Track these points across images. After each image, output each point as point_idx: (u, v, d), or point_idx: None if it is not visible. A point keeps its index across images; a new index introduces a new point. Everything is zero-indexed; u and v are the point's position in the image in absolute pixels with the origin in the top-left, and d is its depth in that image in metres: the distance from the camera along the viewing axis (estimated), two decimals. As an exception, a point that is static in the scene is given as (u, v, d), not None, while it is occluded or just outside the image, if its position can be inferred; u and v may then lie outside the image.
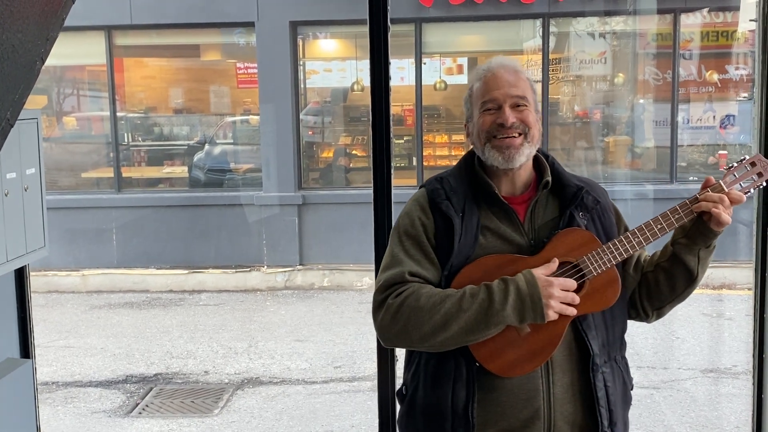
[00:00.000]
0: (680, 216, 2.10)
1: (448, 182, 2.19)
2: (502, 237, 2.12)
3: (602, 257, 2.06)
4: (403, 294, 2.05)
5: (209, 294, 9.52)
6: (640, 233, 2.09)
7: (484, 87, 2.16)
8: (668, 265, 2.18)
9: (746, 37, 9.95)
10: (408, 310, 2.03)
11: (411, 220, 2.17)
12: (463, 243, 2.09)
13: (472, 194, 2.17)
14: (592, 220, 2.16)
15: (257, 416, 6.07)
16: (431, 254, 2.12)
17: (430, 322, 2.00)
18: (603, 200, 2.22)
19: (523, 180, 2.19)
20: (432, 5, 9.89)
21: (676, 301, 2.22)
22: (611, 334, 2.15)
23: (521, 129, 2.12)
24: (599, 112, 10.53)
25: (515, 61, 2.22)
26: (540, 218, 2.16)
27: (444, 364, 2.09)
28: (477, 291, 2.02)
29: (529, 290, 1.99)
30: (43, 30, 1.54)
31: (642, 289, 2.23)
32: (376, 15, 3.05)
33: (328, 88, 10.89)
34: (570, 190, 2.18)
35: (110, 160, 10.48)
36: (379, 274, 2.17)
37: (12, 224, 2.69)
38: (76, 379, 6.86)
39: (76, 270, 9.88)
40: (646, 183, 10.00)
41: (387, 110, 3.09)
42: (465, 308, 1.99)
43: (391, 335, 2.07)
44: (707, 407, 6.04)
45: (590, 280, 2.06)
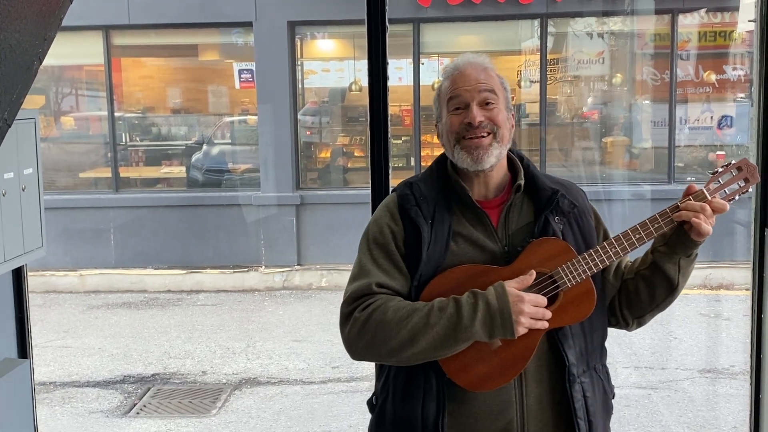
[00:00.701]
0: (659, 225, 2.02)
1: (418, 187, 2.12)
2: (475, 243, 2.05)
3: (577, 268, 1.99)
4: (371, 307, 1.98)
5: (207, 294, 9.52)
6: (617, 243, 2.02)
7: (451, 86, 2.09)
8: (648, 274, 2.11)
9: (743, 38, 9.96)
10: (375, 325, 1.96)
11: (380, 228, 2.10)
12: (432, 251, 2.02)
13: (444, 199, 2.09)
14: (569, 224, 2.09)
15: (255, 416, 6.07)
16: (400, 263, 2.05)
17: (397, 337, 1.93)
18: (580, 203, 2.15)
19: (496, 183, 2.11)
20: (430, 5, 9.90)
21: (657, 309, 2.15)
22: (590, 343, 2.08)
23: (490, 128, 2.04)
24: (597, 113, 10.53)
25: (484, 58, 2.14)
26: (514, 223, 2.08)
27: (414, 377, 2.03)
28: (445, 305, 1.94)
29: (499, 306, 1.91)
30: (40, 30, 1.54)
31: (622, 297, 2.16)
32: (374, 15, 3.05)
33: (326, 88, 10.89)
34: (545, 193, 2.10)
35: (108, 160, 10.48)
36: (347, 285, 2.09)
37: (9, 224, 2.69)
38: (74, 379, 6.86)
39: (74, 270, 9.87)
40: (643, 183, 10.01)
41: (385, 110, 3.09)
42: (432, 323, 1.92)
43: (359, 349, 2.01)
44: (705, 407, 6.05)
45: (565, 291, 1.99)
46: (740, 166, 2.07)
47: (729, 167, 2.07)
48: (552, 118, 10.33)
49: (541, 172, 2.20)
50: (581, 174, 10.13)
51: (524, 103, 10.57)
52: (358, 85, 10.55)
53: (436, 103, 2.16)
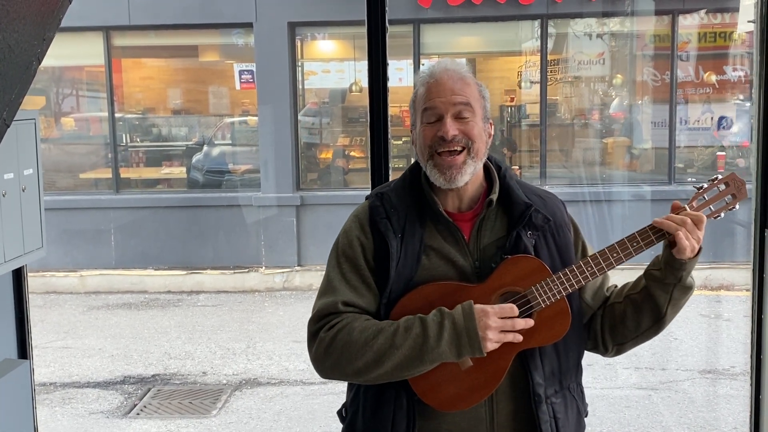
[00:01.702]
0: (639, 245, 1.95)
1: (389, 199, 2.05)
2: (446, 258, 1.99)
3: (552, 288, 1.93)
4: (336, 327, 1.95)
5: (207, 295, 9.52)
6: (594, 263, 1.95)
7: (426, 95, 2.01)
8: (638, 298, 2.04)
9: (744, 39, 9.96)
10: (340, 345, 1.93)
11: (349, 241, 2.05)
12: (402, 266, 1.97)
13: (416, 210, 2.03)
14: (543, 238, 2.02)
15: (255, 417, 6.07)
16: (368, 279, 2.01)
17: (363, 358, 1.90)
18: (557, 217, 2.07)
19: (470, 195, 2.05)
20: (430, 6, 9.90)
21: (639, 339, 2.08)
22: (564, 362, 2.03)
23: (464, 143, 1.97)
24: (597, 113, 10.53)
25: (462, 66, 2.05)
26: (486, 237, 2.02)
27: (384, 393, 1.99)
28: (411, 324, 1.91)
29: (465, 323, 1.87)
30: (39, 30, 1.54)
31: (606, 321, 2.10)
32: (374, 16, 3.06)
33: (327, 89, 10.89)
34: (518, 208, 2.03)
35: (108, 160, 10.48)
36: (315, 300, 2.06)
37: (10, 225, 2.69)
38: (74, 379, 6.86)
39: (74, 271, 9.88)
40: (643, 184, 10.01)
41: (385, 111, 3.09)
42: (398, 344, 1.89)
43: (325, 369, 1.98)
44: (705, 408, 6.05)
45: (538, 311, 1.94)
46: (727, 181, 1.99)
47: (715, 183, 1.99)
48: (552, 118, 10.33)
49: (521, 181, 2.14)
50: (581, 174, 10.14)
51: (525, 104, 10.58)
52: (358, 86, 10.56)
53: (411, 109, 2.08)
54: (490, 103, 2.08)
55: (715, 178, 2.00)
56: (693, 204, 1.97)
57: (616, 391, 6.27)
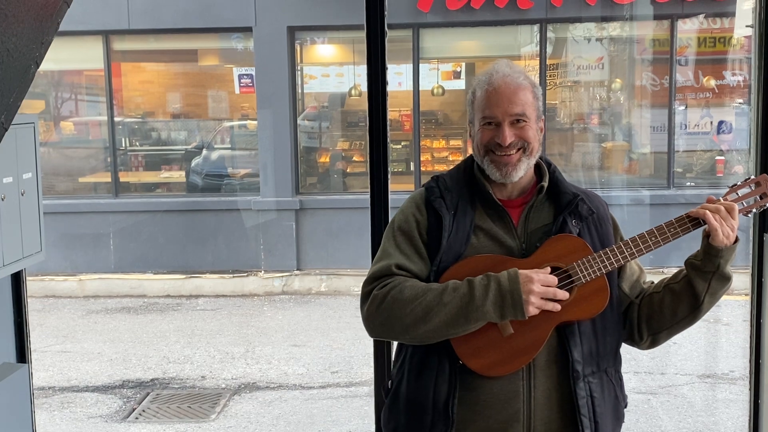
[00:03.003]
0: (675, 229, 2.07)
1: (444, 181, 2.20)
2: (495, 238, 2.12)
3: (592, 265, 2.05)
4: (388, 286, 2.06)
5: (206, 299, 9.51)
6: (633, 245, 2.07)
7: (485, 101, 2.13)
8: (677, 287, 2.15)
9: (743, 43, 9.97)
10: (391, 302, 2.04)
11: (405, 217, 2.19)
12: (453, 240, 2.10)
13: (469, 194, 2.17)
14: (587, 228, 2.15)
15: (254, 421, 6.06)
16: (421, 249, 2.13)
17: (412, 314, 2.01)
18: (600, 211, 2.20)
19: (521, 186, 2.18)
20: (429, 11, 9.91)
21: (675, 328, 2.18)
22: (602, 345, 2.12)
23: (520, 145, 2.11)
24: (596, 118, 10.54)
25: (519, 72, 2.17)
26: (534, 223, 2.15)
27: (428, 357, 2.09)
28: (459, 285, 2.02)
29: (510, 286, 1.98)
30: (37, 34, 1.54)
31: (643, 310, 2.19)
32: (373, 20, 3.06)
33: (326, 93, 10.90)
34: (566, 197, 2.16)
35: (108, 164, 10.48)
36: (371, 266, 2.19)
37: (8, 229, 2.69)
38: (73, 384, 6.85)
39: (73, 275, 9.87)
40: (642, 189, 10.01)
41: (384, 115, 3.10)
42: (446, 301, 2.00)
43: (376, 326, 2.09)
44: (704, 413, 6.04)
45: (579, 287, 2.05)
46: (759, 181, 2.12)
47: (748, 182, 2.12)
48: (551, 123, 10.34)
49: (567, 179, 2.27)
50: (580, 179, 10.14)
51: (524, 108, 10.56)
52: (357, 90, 10.56)
53: (470, 107, 2.21)
54: (542, 100, 2.23)
55: (748, 177, 2.13)
56: (727, 198, 2.09)
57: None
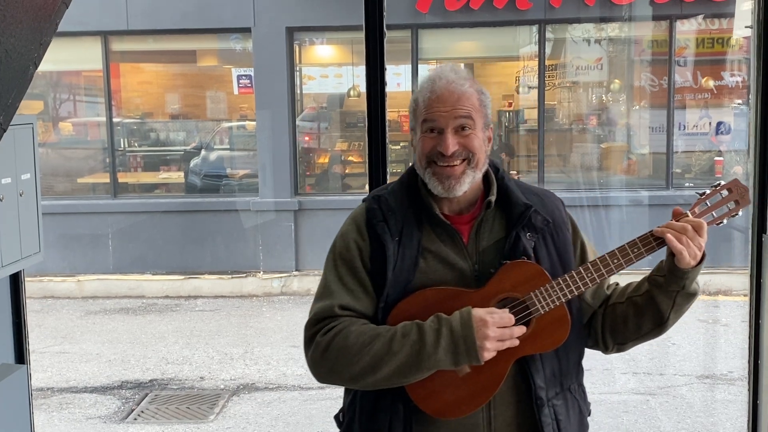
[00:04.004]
0: (639, 251, 1.92)
1: (386, 201, 2.03)
2: (444, 261, 1.98)
3: (551, 294, 1.90)
4: (332, 331, 1.93)
5: (205, 300, 9.51)
6: (594, 269, 1.92)
7: (427, 106, 1.98)
8: (640, 301, 2.02)
9: (741, 44, 9.98)
10: (336, 350, 1.91)
11: (346, 243, 2.03)
12: (399, 269, 1.95)
13: (414, 213, 2.01)
14: (543, 239, 2.01)
15: (253, 422, 6.06)
16: (366, 282, 1.98)
17: (359, 363, 1.88)
18: (556, 217, 2.06)
19: (468, 198, 2.03)
20: (428, 11, 9.91)
21: (641, 340, 2.08)
22: (565, 363, 2.01)
23: (464, 155, 1.96)
24: (595, 119, 10.54)
25: (463, 76, 2.02)
26: (485, 239, 2.01)
27: (380, 399, 1.97)
28: (409, 330, 1.88)
29: (463, 332, 1.84)
30: (36, 35, 1.54)
31: (606, 321, 2.08)
32: (372, 21, 3.06)
33: (325, 93, 10.90)
34: (517, 209, 2.01)
35: (106, 165, 10.47)
36: (312, 304, 2.04)
37: (7, 229, 2.69)
38: (71, 384, 6.84)
39: (72, 275, 9.86)
40: (641, 189, 10.02)
41: (383, 116, 3.09)
42: (395, 350, 1.86)
43: (322, 373, 1.96)
44: (703, 413, 6.04)
45: (537, 318, 1.91)
46: (730, 187, 1.96)
47: (717, 189, 1.96)
48: (550, 123, 10.34)
49: (518, 182, 2.13)
50: (579, 179, 10.14)
51: (522, 109, 10.59)
52: (356, 91, 10.56)
53: (411, 115, 2.06)
54: (491, 108, 2.07)
55: (717, 184, 1.97)
56: (695, 210, 1.94)
57: (614, 396, 6.26)
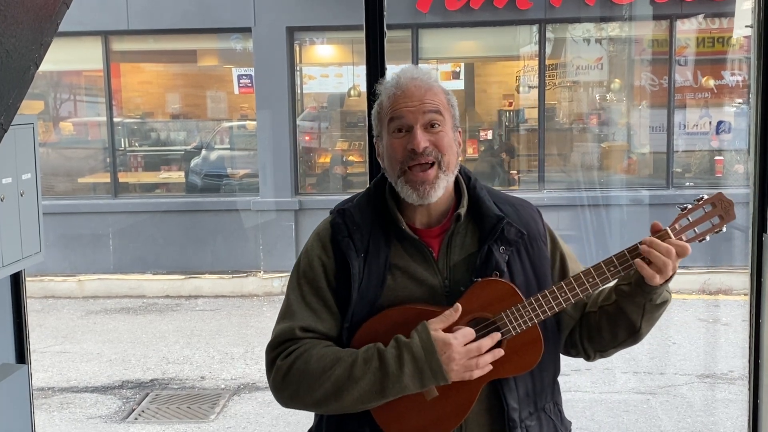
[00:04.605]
0: (616, 270, 1.83)
1: (351, 216, 1.94)
2: (413, 277, 1.88)
3: (523, 315, 1.81)
4: (293, 355, 1.85)
5: (206, 299, 9.51)
6: (568, 288, 1.83)
7: (392, 104, 1.89)
8: (611, 311, 1.92)
9: (742, 44, 9.98)
10: (297, 375, 1.83)
11: (310, 261, 1.94)
12: (365, 288, 1.86)
13: (381, 227, 1.92)
14: (517, 253, 1.91)
15: (253, 422, 6.06)
16: (329, 301, 1.90)
17: (321, 389, 1.80)
18: (531, 228, 1.96)
19: (439, 209, 1.93)
20: (429, 11, 9.91)
21: (620, 347, 1.98)
22: (539, 382, 1.93)
23: (434, 155, 1.86)
24: (595, 118, 10.54)
25: (429, 73, 1.95)
26: (457, 254, 1.91)
27: (347, 422, 1.91)
28: (370, 356, 1.79)
29: (426, 357, 1.75)
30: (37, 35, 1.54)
31: (583, 330, 1.99)
32: (372, 20, 3.06)
33: (325, 93, 10.90)
34: (489, 221, 1.91)
35: (107, 165, 10.48)
36: (275, 324, 1.96)
37: (8, 229, 2.69)
38: (72, 384, 6.85)
39: (73, 275, 9.86)
40: (642, 189, 10.02)
41: (383, 116, 3.09)
42: (357, 376, 1.78)
43: (285, 398, 1.88)
44: (703, 413, 6.04)
45: (508, 339, 1.82)
46: (714, 201, 1.85)
47: (701, 203, 1.85)
48: (551, 123, 10.34)
49: (492, 190, 2.03)
50: (579, 179, 10.14)
51: (523, 109, 10.59)
52: (356, 91, 10.56)
53: (375, 120, 1.96)
54: (458, 112, 1.98)
55: (700, 198, 1.86)
56: (676, 226, 1.83)
57: (614, 396, 6.27)
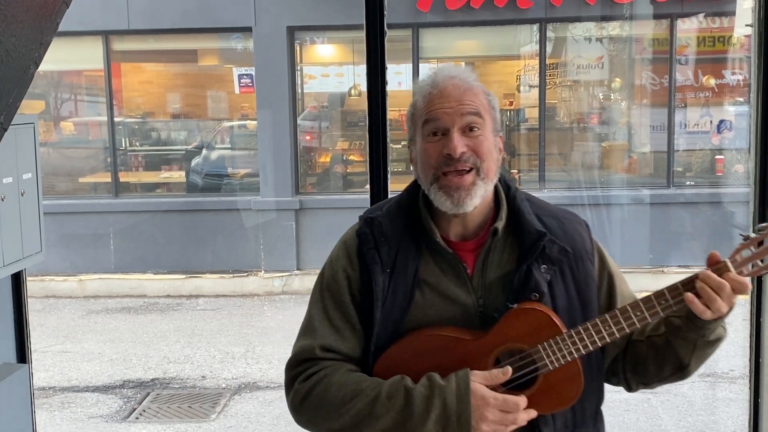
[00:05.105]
0: (668, 304, 1.65)
1: (380, 226, 1.78)
2: (444, 294, 1.74)
3: (562, 348, 1.66)
4: (312, 379, 1.73)
5: (206, 299, 9.51)
6: (613, 322, 1.66)
7: (428, 106, 1.74)
8: (659, 342, 1.76)
9: (742, 43, 9.98)
10: (316, 402, 1.71)
11: (334, 272, 1.81)
12: (389, 308, 1.72)
13: (412, 237, 1.77)
14: (560, 273, 1.74)
15: (254, 421, 6.06)
16: (353, 318, 1.76)
17: (339, 420, 1.68)
18: (577, 245, 1.78)
19: (477, 221, 1.77)
20: (429, 10, 9.91)
21: (665, 382, 1.82)
22: (579, 414, 1.77)
23: (472, 162, 1.70)
24: (596, 117, 10.54)
25: (468, 73, 1.79)
26: (493, 272, 1.75)
27: None
28: (395, 392, 1.65)
29: (458, 408, 1.60)
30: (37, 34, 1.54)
31: (627, 359, 1.83)
32: (372, 20, 3.06)
33: (326, 93, 10.90)
34: (529, 237, 1.74)
35: (108, 165, 10.48)
36: (296, 338, 1.84)
37: (8, 229, 2.69)
38: (73, 384, 6.85)
39: (74, 275, 9.87)
40: (642, 188, 10.01)
41: (384, 115, 3.09)
42: (378, 414, 1.64)
43: (302, 422, 1.77)
44: (704, 412, 6.04)
45: (545, 374, 1.67)
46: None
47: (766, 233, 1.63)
48: (551, 122, 10.34)
49: (535, 200, 1.86)
50: (580, 178, 10.14)
51: (523, 108, 10.59)
52: (357, 90, 10.56)
53: (409, 123, 1.82)
54: (499, 114, 1.83)
55: (765, 226, 1.64)
56: (737, 258, 1.64)
57: (615, 395, 6.23)
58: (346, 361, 1.76)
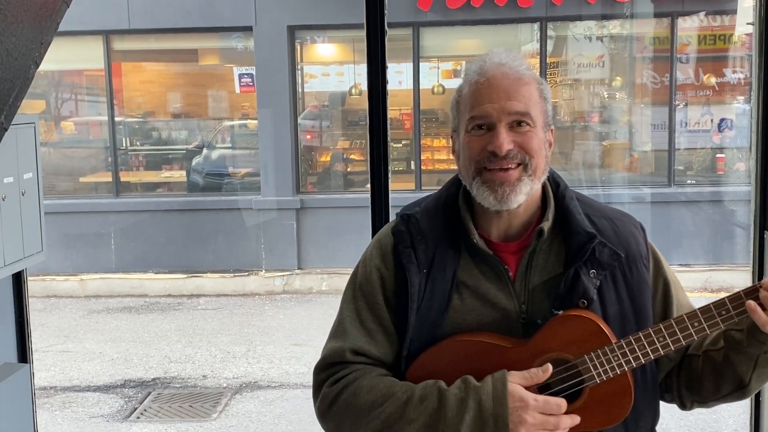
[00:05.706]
0: (729, 314, 1.53)
1: (417, 223, 1.68)
2: (484, 298, 1.62)
3: (611, 360, 1.53)
4: (341, 383, 1.65)
5: (207, 298, 9.51)
6: (668, 332, 1.54)
7: (474, 97, 1.61)
8: (717, 358, 1.63)
9: (743, 41, 9.97)
10: (344, 407, 1.63)
11: (368, 272, 1.70)
12: (426, 309, 1.62)
13: (451, 236, 1.66)
14: (611, 278, 1.62)
15: (255, 420, 6.06)
16: (386, 321, 1.66)
17: (369, 425, 1.59)
18: (631, 249, 1.65)
19: (522, 220, 1.66)
20: (429, 9, 9.90)
21: (723, 401, 1.68)
22: None
23: (520, 158, 1.59)
24: (597, 116, 10.54)
25: (519, 60, 1.66)
26: (537, 275, 1.63)
27: None
28: (428, 394, 1.55)
29: (494, 410, 1.49)
30: (37, 34, 1.54)
31: (682, 375, 1.70)
32: (373, 19, 3.06)
33: (326, 92, 10.90)
34: (578, 239, 1.62)
35: (108, 164, 10.48)
36: (327, 338, 1.76)
37: (9, 229, 2.69)
38: (74, 383, 6.85)
39: (74, 275, 9.87)
40: (643, 186, 10.01)
41: (384, 114, 3.09)
42: (409, 418, 1.54)
43: (329, 428, 1.71)
44: (705, 411, 6.03)
45: (591, 388, 1.55)
46: None
47: None
48: (552, 121, 10.33)
49: (586, 200, 1.75)
50: (581, 177, 10.14)
51: (524, 107, 10.58)
52: (358, 89, 10.56)
53: (453, 111, 1.69)
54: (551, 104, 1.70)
55: None
56: None
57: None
58: (377, 365, 1.67)
